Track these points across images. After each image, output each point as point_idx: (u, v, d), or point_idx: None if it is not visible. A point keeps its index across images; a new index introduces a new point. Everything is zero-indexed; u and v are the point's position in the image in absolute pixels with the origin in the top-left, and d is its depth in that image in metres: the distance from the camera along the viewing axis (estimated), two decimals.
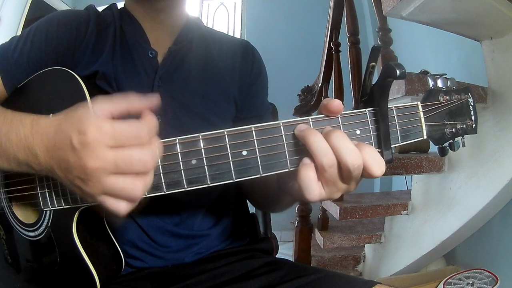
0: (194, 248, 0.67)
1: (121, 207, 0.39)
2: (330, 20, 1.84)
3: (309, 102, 1.99)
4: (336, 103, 0.41)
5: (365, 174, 0.40)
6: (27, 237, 0.59)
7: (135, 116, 0.40)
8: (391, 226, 1.67)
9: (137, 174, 0.37)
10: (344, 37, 1.67)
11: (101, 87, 0.61)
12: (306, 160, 0.40)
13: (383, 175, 0.40)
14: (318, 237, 1.71)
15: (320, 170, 0.40)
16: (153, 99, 0.41)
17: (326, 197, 0.42)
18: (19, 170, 0.45)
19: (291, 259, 1.80)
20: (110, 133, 0.36)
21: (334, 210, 1.56)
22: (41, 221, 0.56)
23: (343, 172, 0.40)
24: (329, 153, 0.39)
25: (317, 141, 0.39)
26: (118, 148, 0.36)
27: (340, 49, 1.81)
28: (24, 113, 0.47)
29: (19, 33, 0.65)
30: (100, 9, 0.70)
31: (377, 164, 0.40)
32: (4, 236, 0.64)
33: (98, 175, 0.37)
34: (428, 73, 0.49)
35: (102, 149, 0.36)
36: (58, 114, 0.41)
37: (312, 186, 0.40)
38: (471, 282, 1.37)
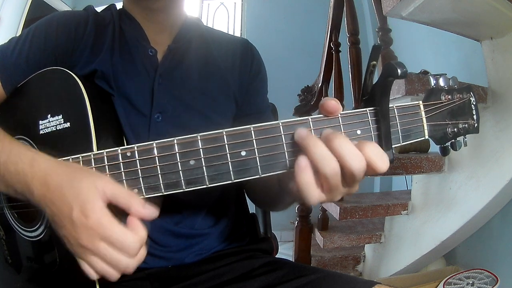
0: (195, 248, 0.67)
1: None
2: (330, 20, 1.84)
3: (309, 102, 1.99)
4: (332, 103, 0.40)
5: (370, 171, 0.39)
6: (27, 238, 0.58)
7: None
8: (391, 226, 1.67)
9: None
10: (344, 37, 1.67)
11: (100, 86, 0.61)
12: (302, 162, 0.39)
13: (383, 175, 0.39)
14: (318, 237, 1.70)
15: (322, 178, 0.39)
16: (153, 213, 0.43)
17: (327, 200, 0.41)
18: (16, 197, 0.47)
19: (291, 259, 1.79)
20: (107, 231, 0.40)
21: (334, 210, 1.55)
22: (40, 221, 0.56)
23: (347, 177, 0.39)
24: (332, 162, 0.38)
25: (318, 150, 0.38)
26: (110, 244, 0.40)
27: (340, 49, 1.80)
28: (22, 145, 0.49)
29: (19, 33, 0.65)
30: (99, 9, 0.70)
31: (381, 160, 0.39)
32: (4, 237, 0.64)
33: (86, 251, 0.41)
34: (428, 73, 0.49)
35: (96, 237, 0.40)
36: (61, 166, 0.44)
37: (311, 191, 0.39)
38: (471, 282, 1.37)
